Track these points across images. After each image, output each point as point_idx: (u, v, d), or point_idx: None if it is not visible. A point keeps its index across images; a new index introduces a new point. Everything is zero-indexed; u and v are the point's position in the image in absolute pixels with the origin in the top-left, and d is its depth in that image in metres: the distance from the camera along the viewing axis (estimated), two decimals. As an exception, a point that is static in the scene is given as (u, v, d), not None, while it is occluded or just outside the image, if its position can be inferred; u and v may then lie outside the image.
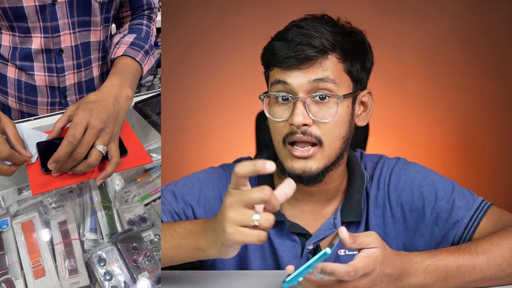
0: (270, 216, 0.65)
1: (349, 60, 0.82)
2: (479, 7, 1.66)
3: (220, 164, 0.97)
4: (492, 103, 1.70)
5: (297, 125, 0.79)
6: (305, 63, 0.79)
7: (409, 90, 1.75)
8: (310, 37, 0.80)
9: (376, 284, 0.70)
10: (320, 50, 0.80)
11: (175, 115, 1.85)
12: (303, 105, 0.79)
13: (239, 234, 0.64)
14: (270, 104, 0.84)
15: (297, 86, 0.80)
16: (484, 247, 0.76)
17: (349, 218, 0.88)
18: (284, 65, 0.80)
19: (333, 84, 0.80)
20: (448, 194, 0.86)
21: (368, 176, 0.91)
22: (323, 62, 0.80)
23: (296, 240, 0.89)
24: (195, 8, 1.81)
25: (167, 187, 0.92)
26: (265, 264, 0.91)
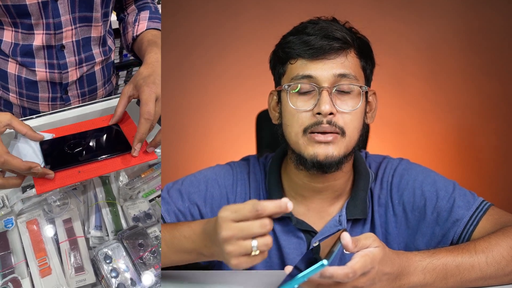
0: (267, 239, 0.65)
1: (364, 58, 0.85)
2: (479, 7, 1.67)
3: (227, 162, 0.97)
4: (492, 103, 1.71)
5: (324, 112, 0.80)
6: (331, 54, 0.81)
7: (409, 90, 1.76)
8: (332, 30, 0.82)
9: (376, 283, 0.69)
10: (344, 43, 0.82)
11: (175, 115, 1.84)
12: (329, 95, 0.81)
13: (243, 263, 0.65)
14: (290, 96, 0.84)
15: (322, 79, 0.82)
16: (483, 246, 0.76)
17: (354, 215, 0.88)
18: (309, 56, 0.82)
19: (354, 80, 0.83)
20: (449, 193, 0.87)
21: (373, 175, 0.92)
22: (348, 56, 0.83)
23: (302, 237, 0.89)
24: (195, 9, 1.80)
25: (174, 186, 0.92)
26: (270, 261, 0.91)
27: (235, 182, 0.93)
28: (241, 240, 0.64)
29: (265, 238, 0.65)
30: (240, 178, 0.94)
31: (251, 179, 0.94)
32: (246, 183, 0.94)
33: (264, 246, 0.64)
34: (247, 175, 0.94)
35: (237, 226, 0.65)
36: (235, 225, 0.65)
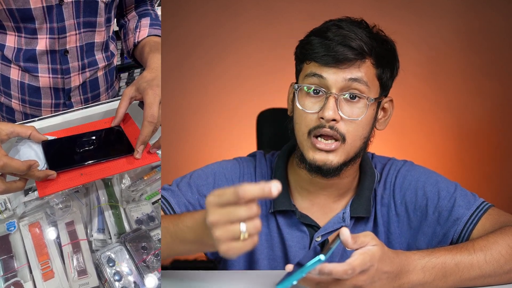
0: (256, 222, 0.63)
1: (382, 67, 0.85)
2: (479, 7, 1.67)
3: (234, 157, 0.98)
4: (493, 103, 1.71)
5: (327, 118, 0.81)
6: (344, 63, 0.82)
7: (409, 90, 1.75)
8: (351, 39, 0.82)
9: (375, 281, 0.70)
10: (359, 53, 0.82)
11: (175, 115, 1.84)
12: (335, 101, 0.82)
13: (233, 249, 0.63)
14: (301, 95, 0.85)
15: (332, 82, 0.82)
16: (482, 244, 0.77)
17: (358, 213, 0.89)
18: (323, 62, 0.82)
19: (365, 86, 0.83)
20: (450, 193, 0.88)
21: (378, 176, 0.93)
22: (361, 65, 0.83)
23: (305, 231, 0.90)
24: (195, 9, 1.80)
25: (182, 180, 0.93)
26: (272, 254, 0.92)
27: (242, 176, 0.95)
28: (229, 224, 0.62)
29: (253, 221, 0.62)
30: (247, 172, 0.95)
31: (257, 174, 0.95)
32: (253, 178, 0.95)
33: (253, 229, 0.62)
34: (254, 170, 0.96)
35: (223, 210, 0.63)
36: (221, 210, 0.63)
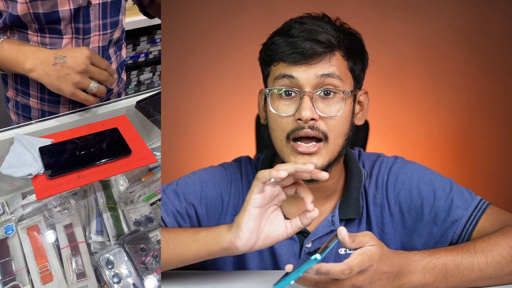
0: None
1: (352, 59, 0.82)
2: (479, 7, 1.66)
3: (220, 163, 0.96)
4: (492, 103, 1.70)
5: (305, 119, 0.78)
6: (313, 58, 0.79)
7: (409, 90, 1.75)
8: (317, 32, 0.79)
9: (375, 281, 0.69)
10: (327, 46, 0.79)
11: (175, 115, 1.84)
12: (310, 100, 0.79)
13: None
14: (273, 99, 0.81)
15: (304, 81, 0.79)
16: (483, 246, 0.76)
17: (348, 215, 0.88)
18: (291, 60, 0.79)
19: (339, 80, 0.80)
20: (446, 193, 0.86)
21: (366, 174, 0.91)
22: (331, 59, 0.80)
23: (295, 238, 0.88)
24: (195, 8, 1.80)
25: (169, 187, 0.91)
26: (263, 263, 0.90)
27: (229, 183, 0.93)
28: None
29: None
30: (234, 178, 0.93)
31: (243, 180, 0.93)
32: (240, 184, 0.93)
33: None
34: (240, 176, 0.94)
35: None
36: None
